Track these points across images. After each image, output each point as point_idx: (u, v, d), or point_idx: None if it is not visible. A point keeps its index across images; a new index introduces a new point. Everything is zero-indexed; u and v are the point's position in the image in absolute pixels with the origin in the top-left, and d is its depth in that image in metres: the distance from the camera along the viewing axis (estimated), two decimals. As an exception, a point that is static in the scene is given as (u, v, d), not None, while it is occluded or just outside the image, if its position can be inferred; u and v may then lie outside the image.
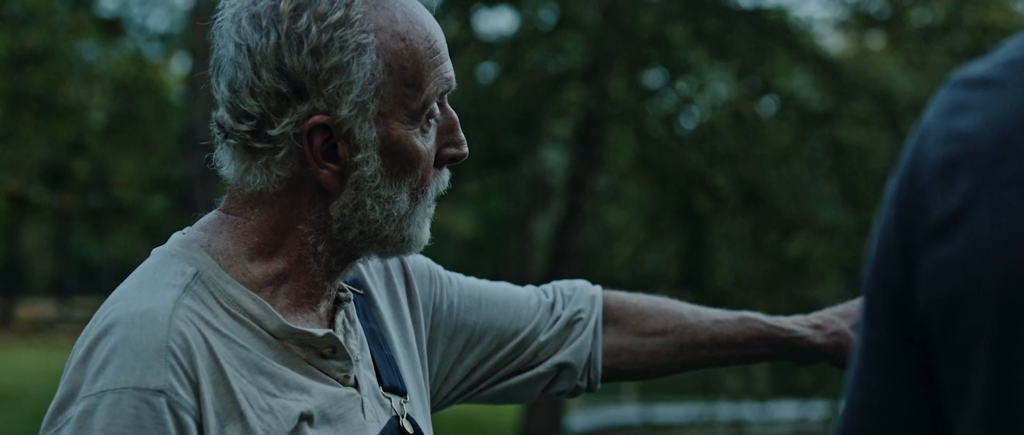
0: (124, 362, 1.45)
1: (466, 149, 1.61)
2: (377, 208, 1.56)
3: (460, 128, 1.62)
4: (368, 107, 1.54)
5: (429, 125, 1.58)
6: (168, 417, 1.44)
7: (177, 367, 1.45)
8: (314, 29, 1.52)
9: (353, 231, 1.57)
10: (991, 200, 0.95)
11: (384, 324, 1.75)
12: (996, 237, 0.94)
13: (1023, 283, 0.92)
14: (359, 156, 1.55)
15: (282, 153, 1.55)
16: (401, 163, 1.56)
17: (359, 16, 1.53)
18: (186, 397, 1.45)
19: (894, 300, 1.02)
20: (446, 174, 1.63)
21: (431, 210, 1.62)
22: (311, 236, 1.57)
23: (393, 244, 1.60)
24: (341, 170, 1.55)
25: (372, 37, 1.54)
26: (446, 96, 1.61)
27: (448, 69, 1.59)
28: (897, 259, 1.02)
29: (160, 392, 1.44)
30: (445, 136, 1.60)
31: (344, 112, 1.53)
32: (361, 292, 1.72)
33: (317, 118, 1.53)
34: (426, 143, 1.57)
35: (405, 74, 1.55)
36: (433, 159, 1.59)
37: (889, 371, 1.04)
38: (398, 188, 1.57)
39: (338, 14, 1.52)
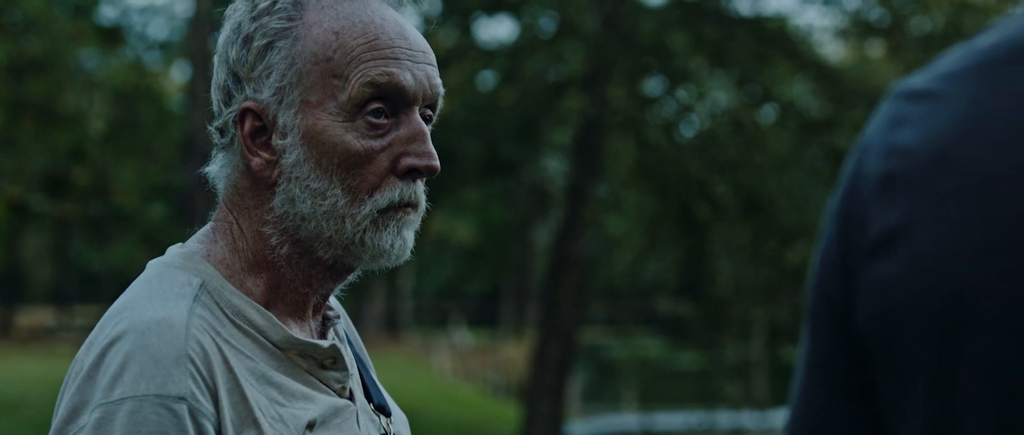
0: (143, 369, 1.43)
1: (433, 162, 1.57)
2: (308, 201, 1.55)
3: (427, 141, 1.58)
4: (290, 92, 1.55)
5: (371, 125, 1.55)
6: (189, 424, 1.43)
7: (197, 375, 1.45)
8: (247, 19, 1.59)
9: (302, 230, 1.56)
10: (931, 216, 0.94)
11: (362, 351, 1.79)
12: (936, 253, 0.94)
13: (963, 299, 0.92)
14: (284, 142, 1.56)
15: (233, 147, 1.60)
16: (329, 156, 1.55)
17: (285, 5, 1.58)
18: (206, 404, 1.45)
19: (836, 316, 1.02)
20: (415, 187, 1.58)
21: (405, 220, 1.58)
22: (274, 238, 1.58)
23: (346, 248, 1.57)
24: (275, 160, 1.57)
25: (297, 25, 1.57)
26: (418, 107, 1.58)
27: (385, 66, 1.56)
28: (838, 275, 1.01)
29: (181, 399, 1.43)
30: (405, 145, 1.57)
31: (265, 95, 1.56)
32: (337, 317, 1.73)
33: (246, 103, 1.57)
34: (363, 142, 1.55)
35: (331, 64, 1.55)
36: (386, 163, 1.56)
37: (832, 388, 1.03)
38: (330, 182, 1.55)
39: (265, 3, 1.58)
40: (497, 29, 48.77)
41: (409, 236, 1.60)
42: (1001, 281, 0.91)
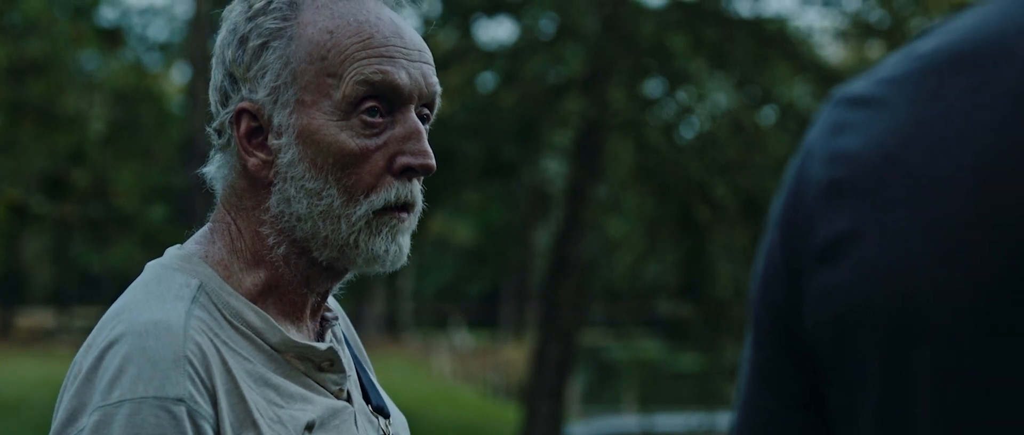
0: (141, 372, 1.43)
1: (428, 161, 1.56)
2: (304, 201, 1.55)
3: (423, 139, 1.57)
4: (285, 92, 1.55)
5: (366, 124, 1.55)
6: (188, 426, 1.43)
7: (195, 376, 1.45)
8: (242, 20, 1.58)
9: (298, 230, 1.56)
10: (878, 222, 0.94)
11: (360, 352, 1.79)
12: (884, 260, 0.93)
13: (913, 305, 0.92)
14: (279, 142, 1.55)
15: (231, 147, 1.59)
16: (324, 155, 1.54)
17: (281, 5, 1.57)
18: (205, 406, 1.44)
19: (781, 323, 1.02)
20: (411, 187, 1.57)
21: (399, 227, 1.58)
22: (271, 238, 1.57)
23: (341, 250, 1.56)
24: (271, 160, 1.56)
25: (291, 24, 1.56)
26: (414, 105, 1.57)
27: (379, 64, 1.55)
28: (782, 282, 1.01)
29: (180, 401, 1.43)
30: (400, 143, 1.56)
31: (261, 95, 1.56)
32: (335, 318, 1.72)
33: (241, 103, 1.57)
34: (358, 141, 1.54)
35: (326, 63, 1.54)
36: (381, 163, 1.55)
37: (777, 394, 1.03)
38: (325, 182, 1.54)
39: (260, 3, 1.58)
40: (497, 30, 48.77)
41: (404, 242, 1.59)
42: (950, 286, 0.91)
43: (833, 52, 18.02)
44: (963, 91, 0.94)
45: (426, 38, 1.64)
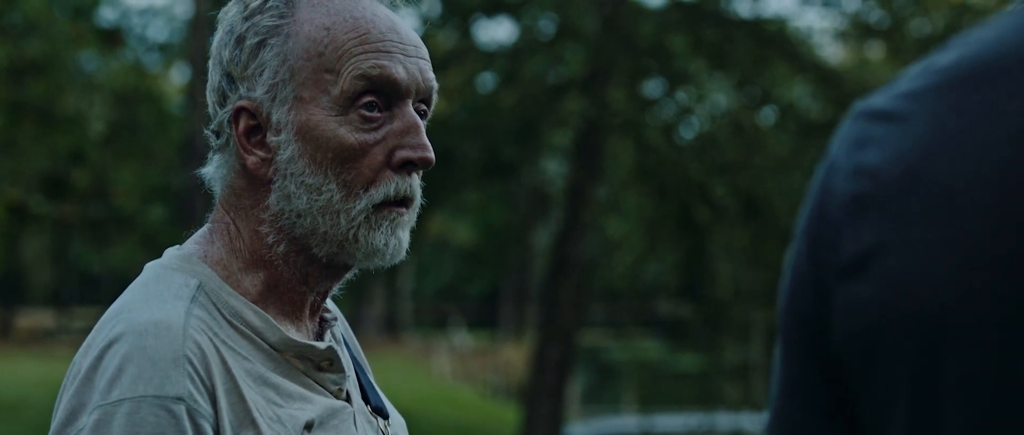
0: (140, 371, 1.43)
1: (427, 154, 1.57)
2: (303, 196, 1.55)
3: (421, 133, 1.58)
4: (283, 89, 1.56)
5: (364, 118, 1.56)
6: (188, 424, 1.43)
7: (194, 375, 1.45)
8: (239, 20, 1.59)
9: (297, 227, 1.56)
10: (902, 237, 0.95)
11: (359, 354, 1.79)
12: (908, 273, 0.94)
13: (938, 319, 0.93)
14: (278, 138, 1.56)
15: (229, 147, 1.60)
16: (323, 150, 1.55)
17: (277, 3, 1.58)
18: (205, 405, 1.45)
19: (807, 331, 1.03)
20: (410, 180, 1.58)
21: (399, 221, 1.58)
22: (270, 236, 1.58)
23: (340, 245, 1.57)
24: (270, 158, 1.57)
25: (288, 22, 1.57)
26: (411, 100, 1.58)
27: (376, 59, 1.56)
28: (809, 291, 1.02)
29: (180, 400, 1.43)
30: (399, 137, 1.57)
31: (259, 93, 1.56)
32: (334, 319, 1.73)
33: (239, 102, 1.58)
34: (357, 136, 1.55)
35: (323, 59, 1.55)
36: (380, 157, 1.56)
37: (807, 407, 1.04)
38: (325, 177, 1.55)
39: (257, 3, 1.59)
40: (497, 31, 48.76)
41: (403, 236, 1.60)
42: (974, 299, 0.92)
43: (833, 52, 18.03)
44: (982, 104, 0.94)
45: (425, 38, 1.65)
